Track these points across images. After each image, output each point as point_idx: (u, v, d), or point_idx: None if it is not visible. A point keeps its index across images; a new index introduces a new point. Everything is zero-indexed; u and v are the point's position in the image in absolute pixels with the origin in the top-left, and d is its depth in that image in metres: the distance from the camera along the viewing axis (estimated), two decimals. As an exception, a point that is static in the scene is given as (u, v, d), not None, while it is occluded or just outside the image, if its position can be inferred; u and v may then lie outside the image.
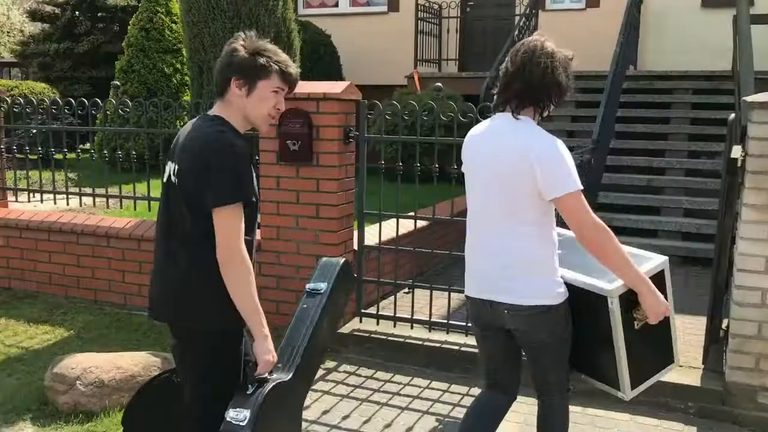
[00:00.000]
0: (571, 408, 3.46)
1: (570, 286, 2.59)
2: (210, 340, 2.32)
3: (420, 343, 4.47)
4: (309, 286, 2.68)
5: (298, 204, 4.62)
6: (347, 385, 4.15)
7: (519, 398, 3.95)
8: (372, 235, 5.05)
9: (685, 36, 10.44)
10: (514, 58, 2.52)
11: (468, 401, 3.95)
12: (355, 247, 4.80)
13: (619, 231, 4.32)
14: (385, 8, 12.71)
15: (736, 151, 3.91)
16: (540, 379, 2.74)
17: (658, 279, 2.58)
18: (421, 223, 5.52)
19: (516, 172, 2.46)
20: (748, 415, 3.69)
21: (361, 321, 4.79)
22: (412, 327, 4.66)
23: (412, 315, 4.67)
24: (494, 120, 2.65)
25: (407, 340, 4.51)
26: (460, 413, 3.81)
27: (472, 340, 4.44)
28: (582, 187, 2.45)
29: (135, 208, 5.96)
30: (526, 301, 2.52)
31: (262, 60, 2.30)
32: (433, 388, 4.13)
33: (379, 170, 4.75)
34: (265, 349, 2.27)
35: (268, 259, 4.76)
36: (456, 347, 4.39)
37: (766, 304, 3.60)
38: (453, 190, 4.63)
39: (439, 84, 4.72)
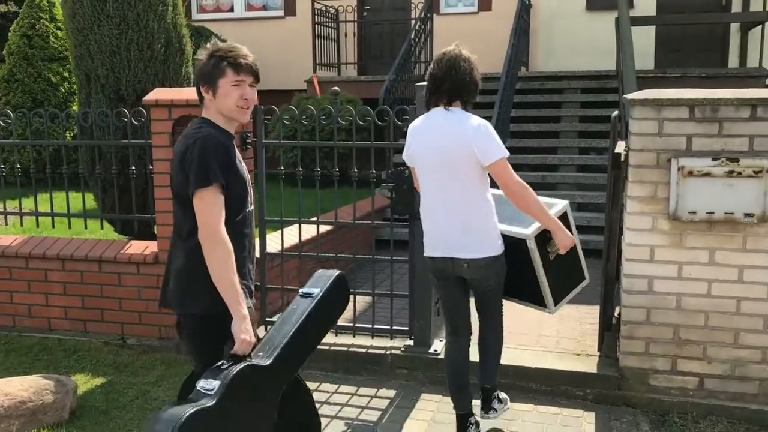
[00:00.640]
0: (476, 402, 3.53)
1: (503, 234, 3.34)
2: (205, 322, 2.48)
3: (327, 347, 4.45)
4: (302, 290, 2.75)
5: (195, 213, 4.50)
6: (254, 395, 4.07)
7: (424, 396, 4.05)
8: (274, 242, 4.99)
9: (573, 38, 10.90)
10: (441, 65, 3.23)
11: (376, 403, 3.96)
12: (257, 254, 4.72)
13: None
14: (281, 13, 12.61)
15: (620, 147, 4.12)
16: (486, 313, 3.50)
17: (563, 218, 3.40)
18: (324, 228, 5.52)
19: (460, 152, 3.16)
20: (641, 398, 3.88)
21: (266, 329, 4.72)
22: (318, 332, 4.62)
23: (318, 320, 4.64)
24: (430, 114, 3.32)
25: (314, 346, 4.48)
26: (368, 416, 3.82)
27: (378, 342, 4.47)
28: (508, 154, 3.19)
29: (21, 225, 5.64)
30: (480, 254, 3.25)
31: (213, 61, 2.49)
32: (341, 393, 4.12)
33: (279, 176, 4.69)
34: (241, 329, 2.38)
35: (167, 272, 4.62)
36: (363, 350, 4.39)
37: (653, 291, 3.80)
38: (355, 193, 4.64)
39: (336, 88, 4.70)
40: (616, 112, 4.30)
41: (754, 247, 3.64)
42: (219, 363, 2.37)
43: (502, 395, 3.66)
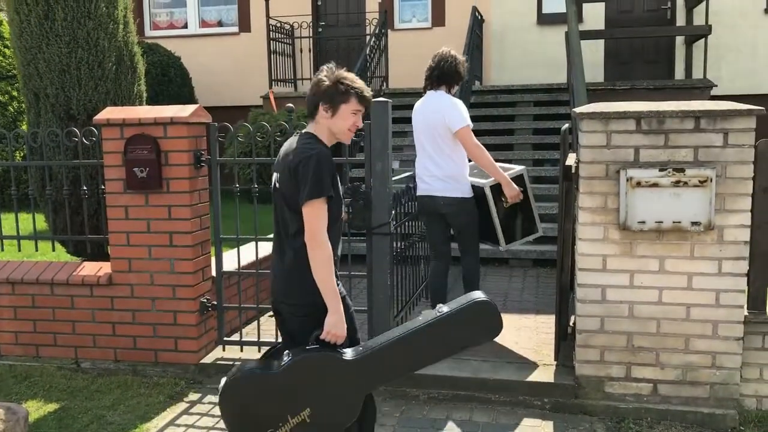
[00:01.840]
0: (436, 416, 3.55)
1: (474, 188, 4.53)
2: (309, 312, 2.78)
3: (286, 365, 4.42)
4: (439, 305, 2.86)
5: (149, 233, 4.44)
6: (212, 416, 4.02)
7: (385, 410, 4.04)
8: (231, 260, 4.95)
9: (525, 52, 11.10)
10: (434, 60, 4.54)
11: (337, 420, 3.94)
12: (213, 273, 4.68)
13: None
14: (236, 29, 12.58)
15: (571, 159, 4.21)
16: (463, 246, 4.68)
17: (519, 180, 4.51)
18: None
19: (438, 121, 4.45)
20: (597, 405, 3.94)
21: (224, 349, 4.67)
22: (277, 350, 4.59)
23: (276, 338, 4.60)
24: (426, 95, 4.62)
25: (273, 364, 4.44)
26: (329, 433, 3.79)
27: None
28: (471, 124, 4.42)
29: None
30: (450, 194, 4.50)
31: (342, 87, 2.84)
32: (301, 411, 4.09)
33: (234, 193, 4.66)
34: (332, 322, 2.72)
35: (122, 293, 4.55)
36: (322, 367, 4.37)
37: (607, 300, 3.87)
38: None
39: (291, 105, 4.71)
40: (566, 125, 4.39)
41: (701, 255, 3.74)
42: (308, 345, 2.71)
43: None
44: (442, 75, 4.50)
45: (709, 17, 9.78)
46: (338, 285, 2.86)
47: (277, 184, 2.88)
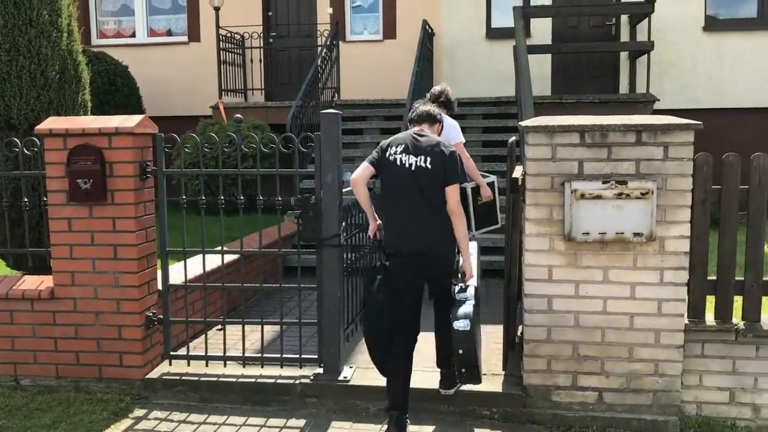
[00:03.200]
0: (373, 427, 3.51)
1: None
2: (450, 259, 3.91)
3: (234, 380, 4.36)
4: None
5: (93, 246, 4.34)
6: (158, 432, 3.94)
7: (335, 424, 4.04)
8: (178, 273, 4.87)
9: (474, 65, 11.24)
10: (433, 93, 5.81)
11: (286, 434, 3.91)
12: (160, 287, 4.59)
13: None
14: (185, 38, 12.42)
15: (518, 171, 4.27)
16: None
17: (492, 186, 5.90)
18: (230, 257, 5.42)
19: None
20: (545, 414, 3.99)
21: (170, 364, 4.58)
22: (225, 365, 4.53)
23: (225, 352, 4.55)
24: None
25: (221, 379, 4.38)
26: (277, 447, 3.75)
27: (287, 372, 4.42)
28: (464, 140, 5.86)
29: None
30: None
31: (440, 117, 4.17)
32: (250, 425, 4.03)
33: (181, 205, 4.59)
34: (469, 266, 3.88)
35: (64, 307, 4.42)
36: (271, 380, 4.32)
37: (553, 310, 3.93)
38: (262, 219, 4.59)
39: (239, 116, 4.68)
40: (513, 138, 4.45)
41: (643, 265, 3.83)
42: (462, 286, 3.85)
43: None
44: (447, 102, 5.86)
45: (652, 34, 10.07)
46: None
47: (425, 165, 3.74)
